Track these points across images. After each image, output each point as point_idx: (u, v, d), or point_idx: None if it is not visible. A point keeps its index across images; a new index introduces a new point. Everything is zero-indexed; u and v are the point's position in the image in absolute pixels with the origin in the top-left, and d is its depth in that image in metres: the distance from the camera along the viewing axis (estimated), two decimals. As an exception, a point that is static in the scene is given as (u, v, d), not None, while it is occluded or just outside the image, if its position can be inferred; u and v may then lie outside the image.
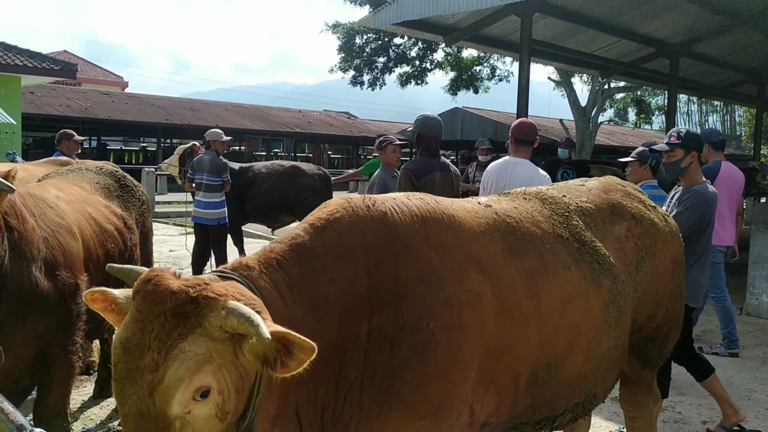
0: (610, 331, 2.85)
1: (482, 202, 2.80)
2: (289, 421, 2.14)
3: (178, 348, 1.74)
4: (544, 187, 3.20)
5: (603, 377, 2.93)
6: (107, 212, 4.33)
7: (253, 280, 2.03)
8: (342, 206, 2.35)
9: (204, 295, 1.80)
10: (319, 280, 2.13)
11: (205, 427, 1.80)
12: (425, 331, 2.21)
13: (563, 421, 2.90)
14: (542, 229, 2.76)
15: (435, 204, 2.51)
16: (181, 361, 1.73)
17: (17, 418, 2.02)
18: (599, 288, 2.80)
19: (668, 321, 3.38)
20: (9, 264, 3.25)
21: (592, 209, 3.07)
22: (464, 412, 2.37)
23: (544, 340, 2.59)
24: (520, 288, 2.52)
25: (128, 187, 4.86)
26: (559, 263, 2.70)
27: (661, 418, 5.08)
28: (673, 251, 3.35)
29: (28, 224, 3.41)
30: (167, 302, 1.78)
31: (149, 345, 1.75)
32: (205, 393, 1.77)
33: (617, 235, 3.07)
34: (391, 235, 2.31)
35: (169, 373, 1.72)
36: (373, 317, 2.20)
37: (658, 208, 3.48)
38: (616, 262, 2.95)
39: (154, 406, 1.74)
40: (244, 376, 1.87)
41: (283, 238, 2.26)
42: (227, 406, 1.84)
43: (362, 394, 2.20)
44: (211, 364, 1.77)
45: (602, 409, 5.22)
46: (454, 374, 2.28)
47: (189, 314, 1.77)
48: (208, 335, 1.77)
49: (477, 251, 2.46)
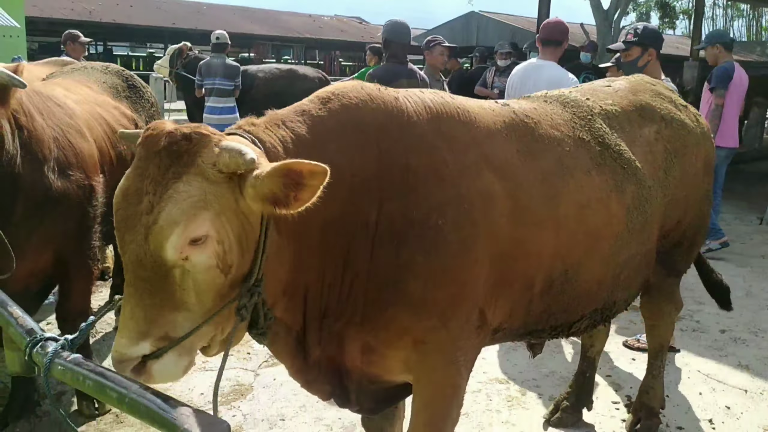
0: (633, 237, 2.75)
1: (500, 102, 2.68)
2: (297, 292, 2.11)
3: (173, 188, 1.71)
4: (567, 90, 3.04)
5: (624, 284, 2.85)
6: (117, 113, 4.17)
7: (257, 134, 1.96)
8: (353, 85, 2.25)
9: (197, 131, 1.77)
10: (326, 144, 2.03)
11: (206, 279, 1.76)
12: (434, 227, 2.14)
13: (580, 328, 2.85)
14: (562, 131, 2.63)
15: (450, 99, 2.39)
16: (175, 202, 1.69)
17: (27, 322, 1.97)
18: (622, 193, 2.68)
19: (695, 226, 3.28)
20: (21, 164, 3.14)
21: (618, 112, 2.91)
22: (474, 315, 2.33)
23: (561, 246, 2.50)
24: (535, 190, 2.42)
25: (136, 87, 4.69)
26: (579, 167, 2.58)
27: (679, 327, 5.07)
28: (704, 153, 3.22)
29: (37, 123, 3.27)
30: (162, 141, 1.75)
31: (146, 189, 1.72)
32: (203, 240, 1.72)
33: (646, 138, 2.93)
34: (404, 122, 2.20)
35: (163, 214, 1.69)
36: (382, 206, 2.12)
37: (690, 108, 3.31)
38: (643, 167, 2.82)
39: (149, 251, 1.71)
40: (247, 228, 1.82)
41: (287, 108, 2.16)
42: (229, 258, 1.78)
43: (368, 288, 2.16)
44: (208, 210, 1.72)
45: (618, 318, 5.19)
46: (463, 275, 2.22)
47: (182, 152, 1.74)
48: (201, 174, 1.73)
49: (492, 150, 2.35)
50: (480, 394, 4.11)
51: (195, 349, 1.85)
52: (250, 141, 1.90)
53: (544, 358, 4.60)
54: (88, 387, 1.67)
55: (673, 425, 3.80)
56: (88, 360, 1.77)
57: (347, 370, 2.35)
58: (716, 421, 3.86)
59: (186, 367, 1.82)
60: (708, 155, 3.25)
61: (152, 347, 1.73)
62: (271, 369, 4.34)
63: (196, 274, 1.74)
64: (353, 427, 3.65)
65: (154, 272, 1.72)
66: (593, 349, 3.75)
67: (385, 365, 2.35)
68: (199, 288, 1.76)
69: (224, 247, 1.76)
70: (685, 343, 4.93)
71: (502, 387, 4.23)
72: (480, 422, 3.79)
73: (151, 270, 1.72)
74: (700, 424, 3.82)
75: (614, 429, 3.75)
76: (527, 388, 4.22)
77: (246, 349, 4.58)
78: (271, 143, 1.96)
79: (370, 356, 2.30)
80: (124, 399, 1.57)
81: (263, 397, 4.02)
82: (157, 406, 1.50)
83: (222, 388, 4.05)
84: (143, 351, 1.73)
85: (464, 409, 3.86)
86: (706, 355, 4.76)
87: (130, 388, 1.59)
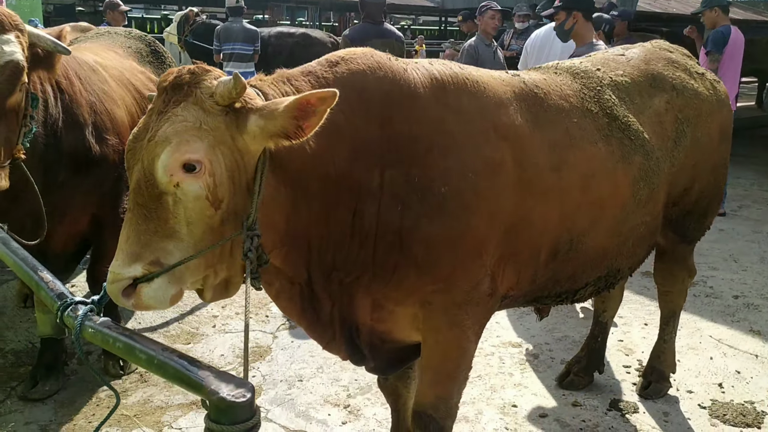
0: (639, 208, 2.79)
1: (511, 72, 2.70)
2: (298, 243, 2.16)
3: (171, 112, 1.83)
4: (578, 60, 3.05)
5: (629, 253, 2.90)
6: (143, 78, 4.23)
7: (261, 88, 2.04)
8: (363, 52, 2.29)
9: (201, 67, 1.90)
10: None
11: (195, 208, 1.84)
12: (437, 195, 2.19)
13: (584, 294, 2.91)
14: (570, 102, 2.65)
15: (458, 69, 2.41)
16: (171, 123, 1.81)
17: (57, 286, 2.04)
18: (629, 164, 2.71)
19: (709, 194, 3.29)
20: (63, 128, 3.25)
21: (628, 83, 2.92)
22: (484, 282, 2.38)
23: (566, 215, 2.54)
24: (542, 161, 2.45)
25: (158, 53, 4.74)
26: (586, 138, 2.61)
27: (692, 292, 5.11)
28: (720, 120, 3.21)
29: (76, 88, 3.37)
30: (170, 77, 1.89)
31: (152, 121, 1.87)
32: (196, 169, 1.81)
33: (656, 109, 2.93)
34: (410, 92, 2.24)
35: (159, 132, 1.81)
36: (385, 171, 2.17)
37: (707, 75, 3.29)
38: (652, 138, 2.84)
39: (144, 169, 1.83)
40: (240, 165, 1.89)
41: (298, 67, 2.22)
42: (219, 192, 1.85)
43: (377, 249, 2.22)
44: (201, 138, 1.81)
45: (632, 283, 5.25)
46: (466, 241, 2.28)
47: (183, 83, 1.86)
48: (198, 104, 1.84)
49: (499, 119, 2.38)
50: (493, 357, 4.20)
51: (185, 280, 1.90)
52: (255, 93, 1.96)
53: (557, 322, 4.67)
54: (117, 348, 1.74)
55: (683, 389, 3.86)
56: (116, 323, 1.84)
57: (358, 327, 2.42)
58: (726, 385, 3.92)
59: (174, 296, 1.89)
60: (724, 123, 3.24)
61: (144, 270, 1.83)
62: (289, 331, 4.44)
63: (187, 203, 1.83)
64: (369, 388, 3.75)
65: (149, 196, 1.83)
66: (606, 314, 3.80)
67: (394, 322, 2.43)
68: (190, 217, 1.84)
69: (215, 179, 1.84)
70: (697, 309, 4.97)
71: (515, 350, 4.30)
72: (492, 384, 3.88)
73: (147, 194, 1.83)
74: (709, 388, 3.88)
75: (625, 392, 3.83)
76: (540, 351, 4.30)
77: (264, 312, 4.69)
78: (274, 96, 2.02)
79: (380, 313, 2.38)
80: (152, 360, 1.63)
81: (281, 358, 4.13)
82: (184, 367, 1.57)
83: (241, 349, 4.16)
84: (135, 273, 1.82)
85: (477, 371, 3.97)
86: (718, 320, 4.80)
87: (158, 350, 1.66)
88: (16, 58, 2.74)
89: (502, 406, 3.67)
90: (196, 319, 4.57)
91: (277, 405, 3.63)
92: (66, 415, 3.47)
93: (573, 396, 3.77)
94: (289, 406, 3.62)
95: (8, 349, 4.09)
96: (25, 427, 3.36)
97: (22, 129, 2.90)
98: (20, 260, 2.26)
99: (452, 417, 2.57)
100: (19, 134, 2.89)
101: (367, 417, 3.54)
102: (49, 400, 3.58)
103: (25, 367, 3.87)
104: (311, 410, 3.60)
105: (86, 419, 3.43)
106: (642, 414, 3.62)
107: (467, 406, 3.64)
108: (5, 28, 2.77)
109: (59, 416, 3.46)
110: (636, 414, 3.62)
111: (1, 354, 4.04)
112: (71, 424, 3.40)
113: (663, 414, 3.62)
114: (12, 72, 2.73)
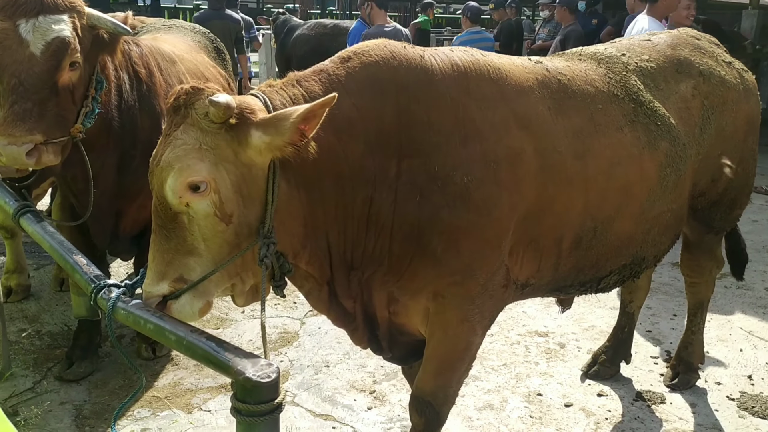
0: (665, 194, 2.76)
1: (533, 59, 2.68)
2: (318, 245, 2.19)
3: (173, 136, 1.89)
4: (602, 46, 3.02)
5: (654, 241, 2.87)
6: (215, 72, 4.34)
7: (269, 96, 2.06)
8: (375, 44, 2.29)
9: (194, 86, 1.93)
10: (341, 101, 2.07)
11: (208, 225, 1.90)
12: (459, 184, 2.19)
13: (609, 283, 2.89)
14: (596, 88, 2.63)
15: (480, 56, 2.41)
16: (172, 148, 1.88)
17: (92, 270, 2.12)
18: (655, 150, 2.68)
19: (736, 186, 3.23)
20: (140, 116, 3.38)
21: (654, 68, 2.88)
22: (498, 273, 2.38)
23: (590, 203, 2.52)
24: (565, 148, 2.44)
25: (219, 50, 4.86)
26: (611, 124, 2.59)
27: (723, 284, 5.05)
28: (747, 111, 3.15)
29: (155, 78, 3.49)
30: (171, 100, 1.95)
31: (160, 146, 1.95)
32: (202, 189, 1.86)
33: (682, 95, 2.89)
34: (427, 79, 2.24)
35: (163, 159, 1.88)
36: (403, 161, 2.18)
37: (736, 64, 3.22)
38: (678, 123, 2.81)
39: (156, 194, 1.91)
40: (248, 178, 1.93)
41: (311, 67, 2.24)
42: (227, 207, 1.90)
43: (392, 241, 2.24)
44: (202, 160, 1.86)
45: (662, 274, 5.21)
46: (487, 232, 2.27)
47: (180, 105, 1.91)
48: (196, 124, 1.88)
49: (521, 107, 2.38)
50: (519, 346, 4.20)
51: (211, 293, 1.98)
52: (262, 102, 1.99)
53: (584, 312, 4.65)
54: (148, 330, 1.81)
55: (711, 380, 3.83)
56: (149, 306, 1.90)
57: (377, 320, 2.47)
58: (755, 377, 3.87)
59: (202, 309, 1.97)
60: (751, 113, 3.18)
61: (170, 288, 1.92)
62: (316, 318, 4.50)
63: (199, 220, 1.89)
64: (395, 374, 3.79)
65: (166, 216, 1.91)
66: (632, 305, 3.78)
67: (409, 317, 2.45)
68: (205, 234, 1.91)
69: (221, 196, 1.89)
70: (728, 300, 4.91)
71: (541, 340, 4.30)
72: (518, 373, 3.89)
73: (163, 215, 1.91)
74: (738, 380, 3.84)
75: (652, 383, 3.81)
76: (566, 341, 4.29)
77: (293, 298, 4.75)
78: (281, 102, 2.05)
79: (396, 306, 2.42)
80: (182, 341, 1.69)
81: (309, 344, 4.18)
82: (212, 348, 1.63)
83: (270, 335, 4.23)
84: (163, 290, 1.92)
85: (503, 359, 3.99)
86: (750, 312, 4.74)
87: (188, 332, 1.72)
88: (63, 35, 2.81)
89: (527, 395, 3.68)
90: (226, 304, 4.65)
91: (304, 390, 3.69)
92: (99, 395, 3.58)
93: (599, 386, 3.77)
94: (316, 391, 3.68)
95: (45, 332, 4.22)
96: (60, 407, 3.47)
97: (83, 109, 2.98)
98: (57, 244, 2.34)
99: (450, 404, 2.61)
100: (78, 114, 2.97)
101: (392, 403, 3.58)
102: (83, 381, 3.69)
103: (61, 349, 3.98)
104: (337, 395, 3.65)
105: (120, 400, 3.53)
106: (669, 405, 3.60)
107: (492, 393, 3.66)
108: (59, 9, 2.85)
109: (93, 397, 3.56)
110: (662, 405, 3.60)
111: (38, 336, 4.16)
112: (104, 404, 3.50)
113: (690, 405, 3.60)
114: (57, 48, 2.80)
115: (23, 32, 2.77)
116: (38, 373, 3.76)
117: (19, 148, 2.66)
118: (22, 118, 2.69)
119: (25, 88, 2.73)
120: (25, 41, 2.76)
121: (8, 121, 2.68)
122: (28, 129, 2.69)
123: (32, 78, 2.75)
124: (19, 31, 2.76)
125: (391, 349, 2.59)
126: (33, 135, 2.69)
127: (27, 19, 2.78)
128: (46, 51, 2.78)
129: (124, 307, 1.88)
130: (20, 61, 2.75)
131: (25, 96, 2.72)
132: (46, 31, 2.79)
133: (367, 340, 2.55)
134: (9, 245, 4.64)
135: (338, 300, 2.38)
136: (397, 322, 2.49)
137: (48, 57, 2.79)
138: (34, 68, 2.75)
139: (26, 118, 2.69)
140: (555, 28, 9.14)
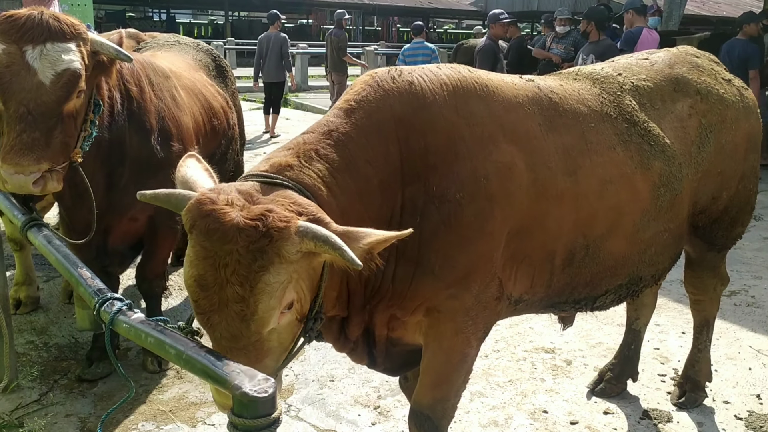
0: (660, 214, 2.76)
1: (525, 77, 2.70)
2: (340, 296, 2.24)
3: (263, 281, 1.75)
4: (599, 65, 3.04)
5: (651, 260, 2.86)
6: (212, 90, 4.41)
7: (299, 180, 2.00)
8: (367, 83, 2.31)
9: (274, 227, 1.76)
10: (357, 162, 2.12)
11: (288, 331, 1.92)
12: (452, 201, 2.23)
13: (605, 302, 2.89)
14: (588, 107, 2.65)
15: (467, 73, 2.44)
16: (270, 294, 1.77)
17: (96, 283, 2.14)
18: (648, 170, 2.69)
19: (737, 203, 3.21)
20: (129, 133, 3.40)
21: (650, 88, 2.90)
22: (491, 285, 2.40)
23: (581, 220, 2.54)
24: (555, 164, 2.46)
25: (222, 67, 4.91)
26: (603, 143, 2.61)
27: (733, 302, 5.01)
28: (747, 128, 3.14)
29: (146, 95, 3.52)
30: (238, 241, 1.74)
31: (227, 279, 1.75)
32: (289, 305, 1.86)
33: (678, 114, 2.90)
34: (419, 105, 2.27)
35: (261, 306, 1.77)
36: (405, 189, 2.22)
37: (735, 81, 3.22)
38: (674, 143, 2.81)
39: (248, 330, 1.80)
40: (314, 276, 1.94)
41: (314, 128, 2.24)
42: (304, 308, 1.94)
43: (396, 268, 2.27)
44: (293, 286, 1.84)
45: (670, 291, 5.17)
46: (480, 245, 2.31)
47: (264, 249, 1.75)
48: (287, 262, 1.78)
49: (510, 123, 2.40)
50: (525, 362, 4.18)
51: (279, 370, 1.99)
52: (297, 190, 1.94)
53: (591, 329, 4.63)
54: (149, 343, 1.82)
55: (719, 399, 3.79)
56: (150, 319, 1.92)
57: (375, 338, 2.50)
58: (764, 396, 3.83)
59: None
60: (752, 131, 3.16)
61: None
62: (322, 332, 4.50)
63: (281, 329, 1.88)
64: (399, 390, 3.77)
65: (249, 340, 1.83)
66: (638, 322, 3.76)
67: (406, 329, 2.48)
68: (282, 338, 1.91)
69: (302, 303, 1.91)
70: (737, 318, 4.86)
71: (548, 356, 4.28)
72: (524, 389, 3.87)
73: (247, 340, 1.82)
74: (747, 399, 3.80)
75: (659, 401, 3.77)
76: (573, 357, 4.27)
77: (299, 312, 4.76)
78: (313, 184, 2.02)
79: (394, 323, 2.45)
80: (181, 355, 1.70)
81: (314, 358, 4.18)
82: (210, 362, 1.63)
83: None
84: None
85: (508, 376, 3.97)
86: (759, 330, 4.69)
87: (188, 346, 1.73)
88: (74, 67, 2.83)
89: (533, 412, 3.65)
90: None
91: (309, 404, 3.69)
92: (105, 408, 3.58)
93: (605, 404, 3.74)
94: (320, 406, 3.68)
95: (52, 344, 4.24)
96: (65, 419, 3.49)
97: (82, 134, 3.01)
98: (62, 257, 2.37)
99: (448, 418, 2.61)
100: (78, 138, 2.99)
101: (396, 418, 3.57)
102: (89, 393, 3.71)
103: (68, 361, 4.01)
104: (342, 410, 3.64)
105: (124, 413, 3.54)
106: (675, 424, 3.57)
107: (497, 410, 3.64)
108: (66, 36, 2.86)
109: (98, 410, 3.58)
110: (669, 423, 3.57)
111: (46, 348, 4.19)
112: (109, 417, 3.51)
113: (697, 424, 3.56)
114: (68, 80, 2.83)
115: (30, 59, 2.77)
116: (45, 385, 3.78)
117: (26, 178, 2.69)
118: (30, 147, 2.70)
119: (34, 117, 2.73)
120: (32, 68, 2.77)
121: (15, 150, 2.69)
122: (36, 158, 2.71)
123: (41, 107, 2.76)
124: (26, 58, 2.77)
125: (383, 361, 2.62)
126: (40, 164, 2.72)
127: (34, 45, 2.78)
128: (56, 82, 2.80)
129: (126, 320, 1.89)
130: (28, 89, 2.75)
131: (33, 125, 2.73)
132: (56, 61, 2.80)
133: (366, 355, 2.57)
134: (18, 257, 4.69)
135: (346, 332, 2.43)
136: (394, 337, 2.52)
137: (59, 88, 2.80)
138: (42, 97, 2.76)
139: (34, 148, 2.71)
140: (574, 44, 9.06)
